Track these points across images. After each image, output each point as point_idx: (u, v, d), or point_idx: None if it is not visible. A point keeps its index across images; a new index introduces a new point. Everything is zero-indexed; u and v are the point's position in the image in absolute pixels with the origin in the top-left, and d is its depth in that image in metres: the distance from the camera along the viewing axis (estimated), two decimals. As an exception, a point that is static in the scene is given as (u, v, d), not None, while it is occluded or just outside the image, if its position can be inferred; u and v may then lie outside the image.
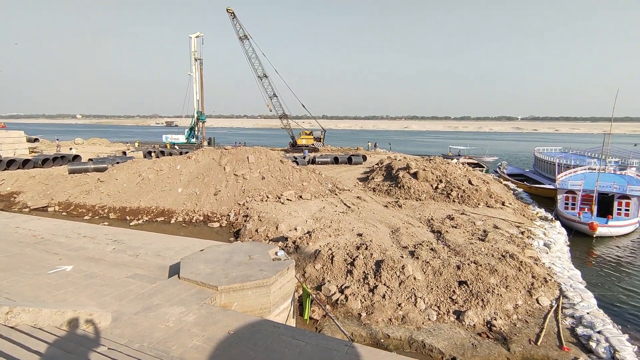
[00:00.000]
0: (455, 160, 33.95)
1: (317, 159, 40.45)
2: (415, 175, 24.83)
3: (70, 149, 50.85)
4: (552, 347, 9.94)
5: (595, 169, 25.16)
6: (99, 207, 22.92)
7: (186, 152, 35.32)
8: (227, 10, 50.49)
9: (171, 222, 21.02)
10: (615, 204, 20.87)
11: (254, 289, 8.56)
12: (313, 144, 54.99)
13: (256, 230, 17.87)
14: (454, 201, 22.34)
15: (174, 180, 24.75)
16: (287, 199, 22.18)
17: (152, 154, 44.97)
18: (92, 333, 6.43)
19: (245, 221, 19.42)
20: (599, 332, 10.13)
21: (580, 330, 10.47)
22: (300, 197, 22.96)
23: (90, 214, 22.14)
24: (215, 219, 21.08)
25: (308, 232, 15.94)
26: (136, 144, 65.02)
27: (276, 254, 10.53)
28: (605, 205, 21.23)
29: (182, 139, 55.77)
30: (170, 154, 39.83)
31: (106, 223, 20.26)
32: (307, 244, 14.92)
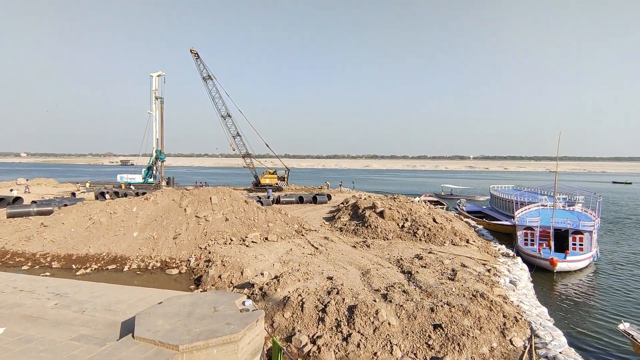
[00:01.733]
0: (418, 199, 34.80)
1: (281, 199, 39.92)
2: (381, 214, 24.97)
3: (11, 190, 46.72)
4: (531, 391, 9.70)
5: (547, 206, 26.67)
6: (41, 255, 20.69)
7: (143, 193, 33.56)
8: (190, 51, 50.79)
9: (124, 269, 19.29)
10: (570, 239, 21.98)
11: (221, 347, 7.73)
12: (277, 183, 54.56)
13: (219, 277, 16.76)
14: (420, 240, 22.52)
15: (129, 223, 23.12)
16: (253, 242, 21.30)
17: (106, 195, 42.30)
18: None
19: (207, 267, 18.23)
20: (573, 373, 10.08)
21: (555, 371, 10.38)
22: (266, 239, 22.15)
23: (29, 264, 19.86)
24: (174, 265, 19.65)
25: (276, 277, 15.15)
26: (87, 185, 61.15)
27: (243, 303, 9.75)
28: (560, 240, 22.29)
29: (138, 178, 53.30)
30: (126, 195, 37.66)
31: (48, 273, 18.24)
32: (275, 290, 14.11)
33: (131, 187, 49.50)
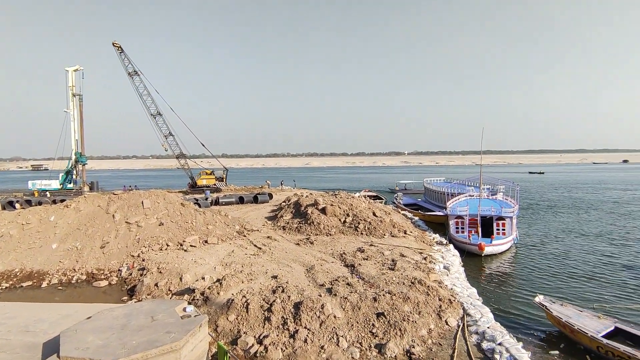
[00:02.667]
0: (358, 194, 35.87)
1: (220, 200, 38.61)
2: (323, 210, 25.31)
3: None
4: (465, 366, 10.51)
5: (474, 196, 29.06)
6: None
7: (62, 200, 30.36)
8: (113, 44, 46.89)
9: (42, 286, 17.24)
10: (495, 225, 24.21)
11: (161, 357, 7.26)
12: (215, 184, 52.61)
13: (156, 285, 15.73)
14: (362, 233, 23.23)
15: (47, 234, 20.73)
16: (191, 246, 20.33)
17: (15, 204, 37.44)
18: None
19: (141, 275, 17.00)
20: (500, 344, 11.10)
21: (485, 344, 11.35)
22: (206, 242, 21.27)
23: None
24: (103, 277, 18.03)
25: (218, 281, 14.61)
26: (-9, 193, 53.58)
27: (184, 310, 9.26)
28: (486, 226, 24.44)
29: (55, 184, 47.89)
30: (40, 203, 33.67)
31: (-56, 297, 15.69)
32: (218, 293, 13.61)
33: (46, 194, 44.36)
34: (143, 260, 18.54)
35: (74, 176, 48.13)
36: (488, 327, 12.16)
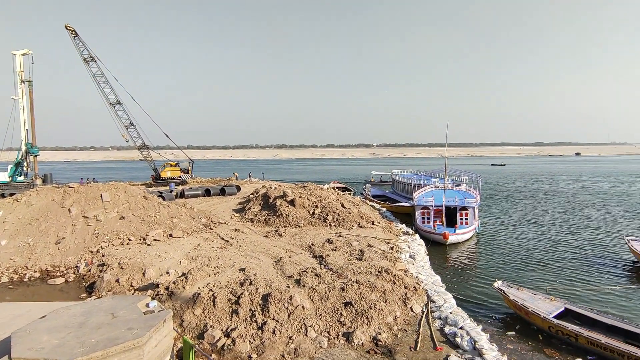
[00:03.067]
0: (326, 186, 36.05)
1: (186, 192, 37.52)
2: (292, 202, 25.23)
3: None
4: (429, 350, 10.90)
5: (439, 187, 30.00)
6: None
7: (12, 194, 28.43)
8: (66, 27, 43.95)
9: (-10, 285, 16.12)
10: (458, 215, 25.16)
11: (123, 354, 6.98)
12: (180, 176, 51.07)
13: (117, 281, 15.11)
14: (330, 225, 23.41)
15: (-5, 230, 19.32)
16: (155, 240, 19.67)
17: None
18: None
19: (101, 271, 16.27)
20: (461, 328, 11.61)
21: (447, 329, 11.82)
22: (170, 235, 20.66)
23: None
24: (59, 274, 17.10)
25: (183, 275, 14.26)
26: None
27: (147, 305, 8.94)
28: (450, 216, 25.36)
29: (3, 177, 44.69)
30: (-13, 197, 31.31)
31: None
32: (184, 287, 13.29)
33: (-6, 187, 41.30)
34: (103, 255, 17.74)
35: (24, 168, 45.08)
36: (450, 313, 12.66)
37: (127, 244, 19.23)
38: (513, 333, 12.32)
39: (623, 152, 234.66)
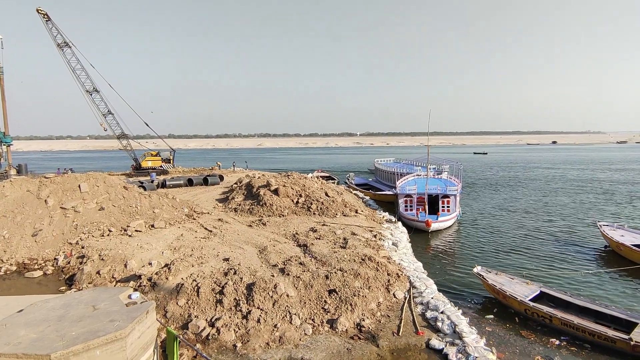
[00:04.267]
0: (311, 175, 36.05)
1: (168, 182, 36.87)
2: (276, 191, 25.15)
3: None
4: (411, 334, 11.21)
5: (421, 175, 30.40)
6: None
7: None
8: (37, 11, 41.95)
9: (-36, 279, 15.59)
10: (440, 202, 25.61)
11: (105, 346, 6.91)
12: (161, 166, 50.10)
13: (98, 273, 14.84)
14: (314, 214, 23.49)
15: (-34, 222, 18.61)
16: (136, 230, 19.35)
17: None
18: None
19: (81, 263, 15.94)
20: (442, 313, 11.95)
21: (429, 314, 12.14)
22: (152, 226, 20.34)
23: None
24: (36, 266, 16.67)
25: (166, 265, 14.12)
26: None
27: (130, 297, 8.85)
28: (432, 204, 25.80)
29: (-26, 168, 42.95)
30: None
31: None
32: (167, 278, 13.17)
33: (-35, 178, 39.61)
34: (82, 247, 17.35)
35: (-4, 158, 43.35)
36: (432, 298, 12.99)
37: (108, 235, 18.86)
38: (492, 316, 12.76)
39: (597, 140, 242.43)
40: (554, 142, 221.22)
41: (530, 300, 12.61)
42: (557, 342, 11.11)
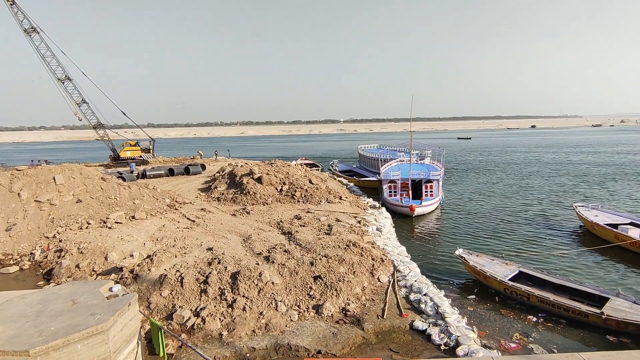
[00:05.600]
0: (294, 162, 35.87)
1: (148, 172, 36.05)
2: (259, 180, 24.95)
3: None
4: (395, 317, 11.43)
5: (404, 161, 30.64)
6: None
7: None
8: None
9: None
10: (424, 187, 25.93)
11: (86, 340, 6.77)
12: (141, 156, 48.94)
13: (77, 266, 14.50)
14: (298, 201, 23.46)
15: None
16: (116, 222, 18.92)
17: None
18: None
19: (59, 257, 15.53)
20: (425, 295, 12.21)
21: (412, 296, 12.39)
22: (133, 217, 19.93)
23: None
24: (12, 262, 16.17)
25: (148, 257, 13.90)
26: None
27: (110, 289, 8.67)
28: (415, 189, 26.10)
29: (-58, 161, 40.96)
30: None
31: None
32: (149, 269, 12.97)
33: None
34: (60, 241, 16.88)
35: (-36, 151, 41.45)
36: (415, 281, 13.24)
37: (87, 227, 18.38)
38: (473, 296, 13.12)
39: (574, 124, 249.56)
40: (533, 126, 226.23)
41: (510, 279, 13.01)
42: (535, 319, 11.54)
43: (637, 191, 30.08)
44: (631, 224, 18.17)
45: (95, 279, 13.66)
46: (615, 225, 17.87)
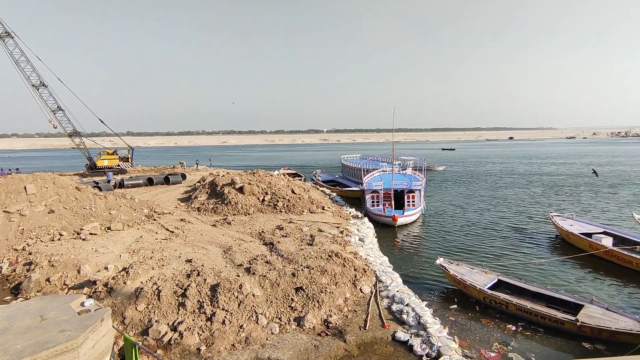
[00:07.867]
0: (277, 172, 35.69)
1: (126, 182, 35.08)
2: (241, 189, 24.66)
3: None
4: (377, 328, 11.36)
5: (387, 171, 30.92)
6: None
7: None
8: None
9: None
10: (406, 197, 26.16)
11: (54, 358, 6.43)
12: (118, 165, 47.70)
13: (47, 280, 13.84)
14: (281, 211, 23.27)
15: None
16: (91, 234, 18.27)
17: None
18: None
19: (28, 270, 14.81)
20: (407, 305, 12.21)
21: (394, 307, 12.37)
22: (109, 228, 19.31)
23: None
24: (-23, 276, 15.30)
25: (124, 269, 13.44)
26: None
27: (82, 304, 8.31)
28: (397, 199, 26.31)
29: None
30: None
31: None
32: (125, 283, 12.52)
33: None
34: (30, 253, 16.12)
35: None
36: (397, 291, 13.24)
37: (59, 239, 17.67)
38: (455, 306, 13.20)
39: (549, 136, 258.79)
40: (511, 138, 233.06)
41: (489, 288, 13.18)
42: (514, 328, 11.68)
43: (600, 201, 31.32)
44: (604, 233, 18.80)
45: (66, 293, 13.06)
46: (590, 235, 18.43)
